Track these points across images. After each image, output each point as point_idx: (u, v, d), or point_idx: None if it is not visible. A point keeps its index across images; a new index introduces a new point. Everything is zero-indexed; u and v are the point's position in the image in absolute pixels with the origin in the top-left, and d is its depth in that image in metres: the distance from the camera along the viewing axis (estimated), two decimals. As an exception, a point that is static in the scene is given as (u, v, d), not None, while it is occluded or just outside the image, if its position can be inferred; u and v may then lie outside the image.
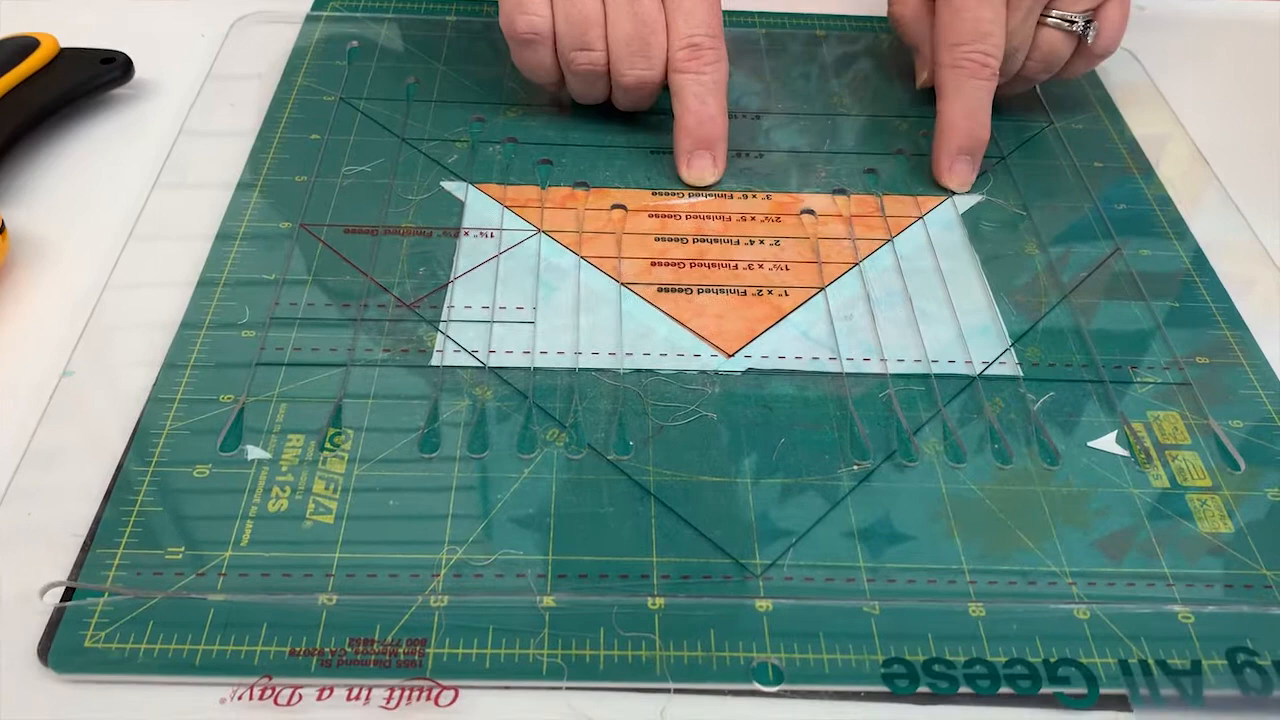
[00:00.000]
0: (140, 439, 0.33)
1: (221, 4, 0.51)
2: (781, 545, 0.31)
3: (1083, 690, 0.28)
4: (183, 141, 0.44)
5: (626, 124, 0.46)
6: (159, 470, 0.32)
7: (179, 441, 0.32)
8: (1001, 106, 0.46)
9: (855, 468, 0.33)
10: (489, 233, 0.40)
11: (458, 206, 0.41)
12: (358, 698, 0.27)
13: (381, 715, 0.27)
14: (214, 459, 0.32)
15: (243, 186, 0.42)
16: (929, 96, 0.46)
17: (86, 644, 0.27)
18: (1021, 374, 0.36)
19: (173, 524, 0.30)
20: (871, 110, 0.48)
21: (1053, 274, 0.40)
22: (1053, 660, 0.28)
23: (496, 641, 0.28)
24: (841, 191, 0.43)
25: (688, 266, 0.39)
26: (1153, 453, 0.34)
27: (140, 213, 0.40)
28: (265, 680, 0.27)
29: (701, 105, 0.41)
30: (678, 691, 0.27)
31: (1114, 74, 0.51)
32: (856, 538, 0.31)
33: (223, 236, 0.39)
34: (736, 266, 0.40)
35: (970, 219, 0.42)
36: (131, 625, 0.28)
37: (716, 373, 0.36)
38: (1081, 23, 0.43)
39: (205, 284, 0.38)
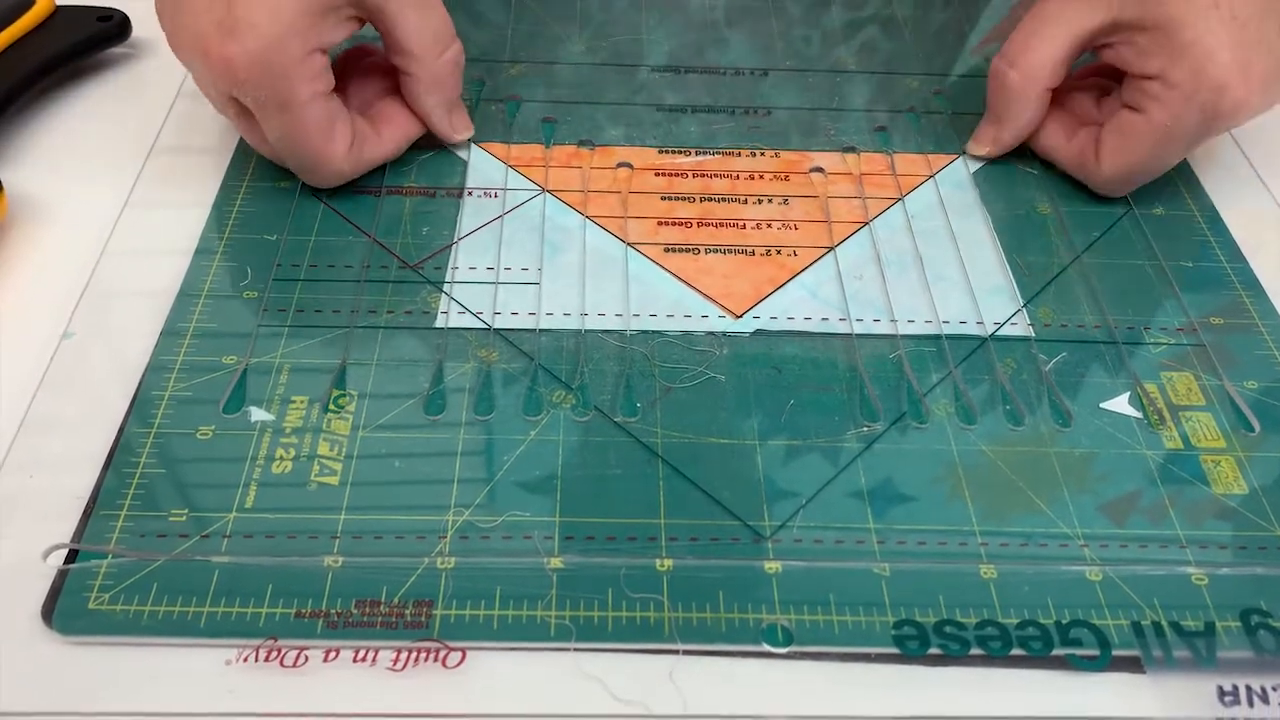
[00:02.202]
0: (142, 401, 0.32)
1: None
2: (790, 507, 0.30)
3: (1095, 652, 0.28)
4: (180, 104, 0.43)
5: (631, 80, 0.45)
6: (161, 433, 0.31)
7: (181, 404, 0.32)
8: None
9: (865, 429, 0.33)
10: (493, 193, 0.40)
11: (461, 166, 0.41)
12: (364, 659, 0.27)
13: (388, 677, 0.27)
14: (217, 421, 0.32)
15: (242, 147, 0.41)
16: (941, 54, 0.45)
17: (90, 606, 0.27)
18: (1033, 335, 0.36)
19: (176, 487, 0.30)
20: (881, 67, 0.47)
21: (1065, 233, 0.39)
22: (1065, 622, 0.28)
23: (504, 603, 0.28)
24: (851, 149, 0.43)
25: (695, 226, 0.39)
26: (1166, 414, 0.34)
27: (137, 177, 0.40)
28: (271, 642, 0.27)
29: None
30: (686, 653, 0.27)
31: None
32: (866, 499, 0.31)
33: (222, 199, 0.39)
34: (744, 226, 0.39)
35: (982, 178, 0.42)
36: (135, 588, 0.28)
37: (724, 334, 0.35)
38: None
39: (206, 244, 0.37)
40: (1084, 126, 0.40)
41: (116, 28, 0.45)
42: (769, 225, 0.39)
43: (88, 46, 0.44)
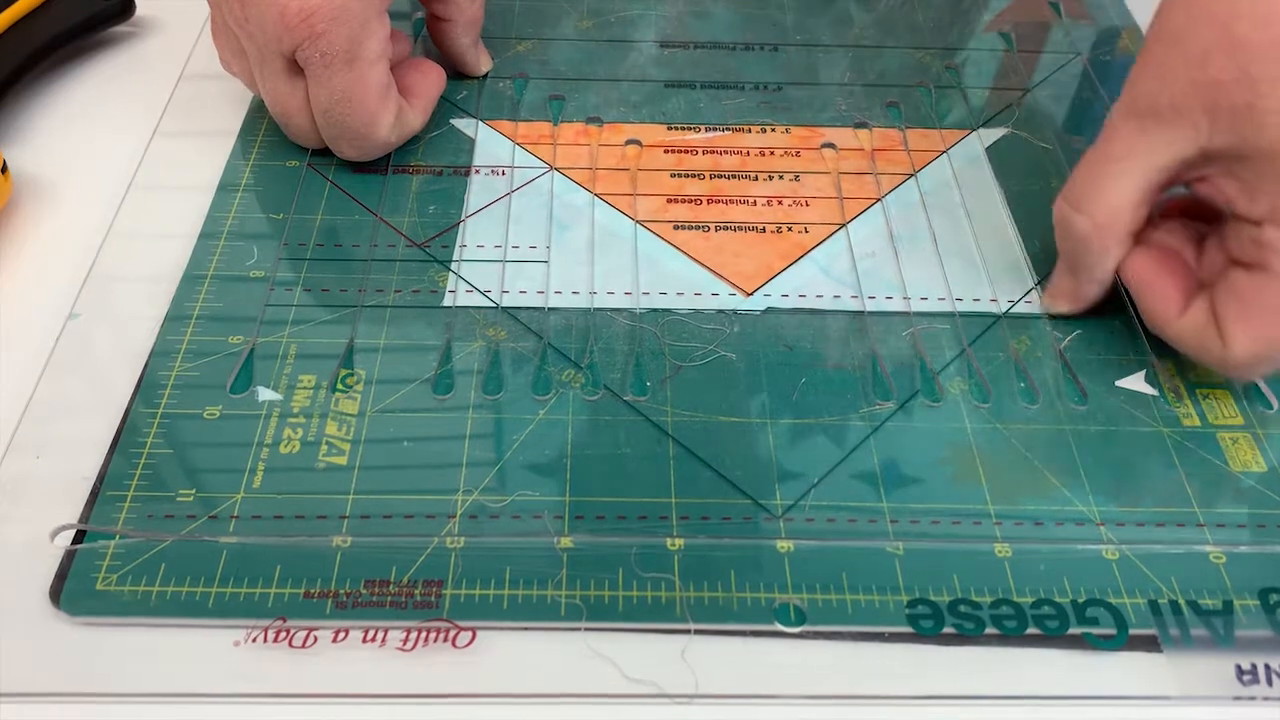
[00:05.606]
0: (148, 382, 0.32)
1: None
2: (802, 486, 0.30)
3: (1111, 631, 0.27)
4: (185, 84, 0.43)
5: (640, 56, 0.45)
6: (168, 414, 0.31)
7: (188, 385, 0.32)
8: (1027, 40, 0.44)
9: (877, 408, 0.32)
10: (500, 170, 0.39)
11: (468, 144, 0.40)
12: (374, 639, 0.27)
13: (398, 657, 0.26)
14: (224, 402, 0.32)
15: (248, 125, 0.41)
16: (953, 27, 0.44)
17: (98, 587, 0.27)
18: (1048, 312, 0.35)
19: (183, 468, 0.30)
20: (893, 41, 0.46)
21: (1080, 209, 0.39)
22: (1081, 601, 0.28)
23: (514, 583, 0.28)
24: (863, 125, 0.42)
25: (705, 203, 0.38)
26: (1182, 391, 0.33)
27: (142, 157, 0.39)
28: (280, 622, 0.27)
29: None
30: (698, 632, 0.27)
31: (1144, 5, 0.49)
32: (879, 478, 0.30)
33: (227, 179, 0.39)
34: (755, 203, 0.39)
35: (995, 153, 0.41)
36: (143, 568, 0.28)
37: (735, 312, 0.35)
38: None
39: (212, 225, 0.37)
40: (1199, 292, 0.32)
41: (120, 6, 0.44)
42: (780, 202, 0.39)
43: (91, 25, 0.44)
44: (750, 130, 0.42)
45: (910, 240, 0.37)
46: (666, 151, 0.41)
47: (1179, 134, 0.29)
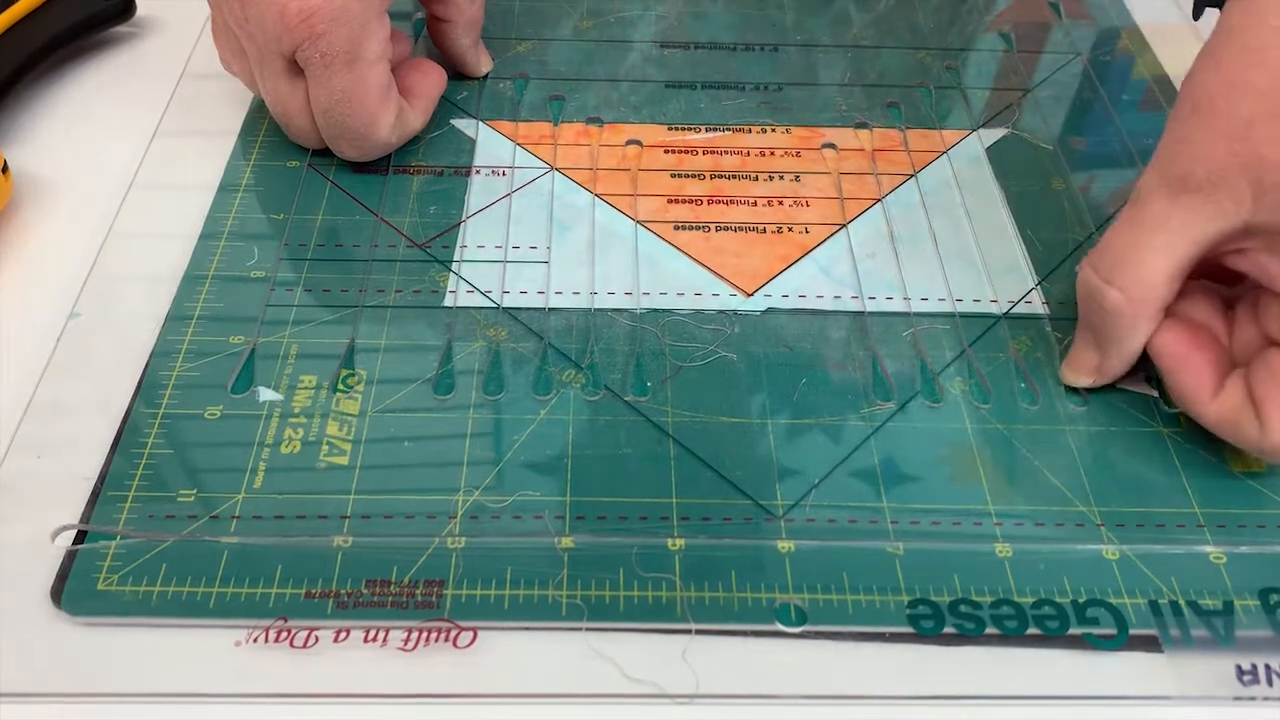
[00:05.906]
0: (149, 382, 0.32)
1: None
2: (803, 486, 0.30)
3: (1112, 631, 0.27)
4: (186, 84, 0.43)
5: (640, 57, 0.45)
6: (169, 414, 0.31)
7: (189, 384, 0.32)
8: (1027, 40, 0.44)
9: (878, 408, 0.32)
10: (501, 171, 0.39)
11: (469, 144, 0.40)
12: (375, 639, 0.27)
13: (399, 657, 0.26)
14: (225, 402, 0.32)
15: (248, 125, 0.41)
16: (953, 27, 0.44)
17: (99, 587, 0.27)
18: (1048, 312, 0.35)
19: (184, 468, 0.30)
20: (893, 42, 0.46)
21: (1079, 210, 0.39)
22: (1081, 601, 0.28)
23: (515, 583, 0.28)
24: (864, 125, 0.42)
25: (705, 203, 0.38)
26: (1183, 391, 0.33)
27: (143, 158, 0.39)
28: (281, 622, 0.27)
29: None
30: (699, 632, 0.27)
31: (1144, 7, 0.49)
32: (879, 478, 0.30)
33: (228, 179, 0.39)
34: (755, 203, 0.39)
35: (995, 154, 0.41)
36: (144, 568, 0.28)
37: (736, 312, 0.35)
38: None
39: (212, 225, 0.37)
40: (1232, 369, 0.31)
41: (120, 6, 0.44)
42: (780, 202, 0.39)
43: (91, 25, 0.44)
44: (750, 130, 0.42)
45: (910, 241, 0.37)
46: (667, 152, 0.41)
47: (1219, 207, 0.28)
